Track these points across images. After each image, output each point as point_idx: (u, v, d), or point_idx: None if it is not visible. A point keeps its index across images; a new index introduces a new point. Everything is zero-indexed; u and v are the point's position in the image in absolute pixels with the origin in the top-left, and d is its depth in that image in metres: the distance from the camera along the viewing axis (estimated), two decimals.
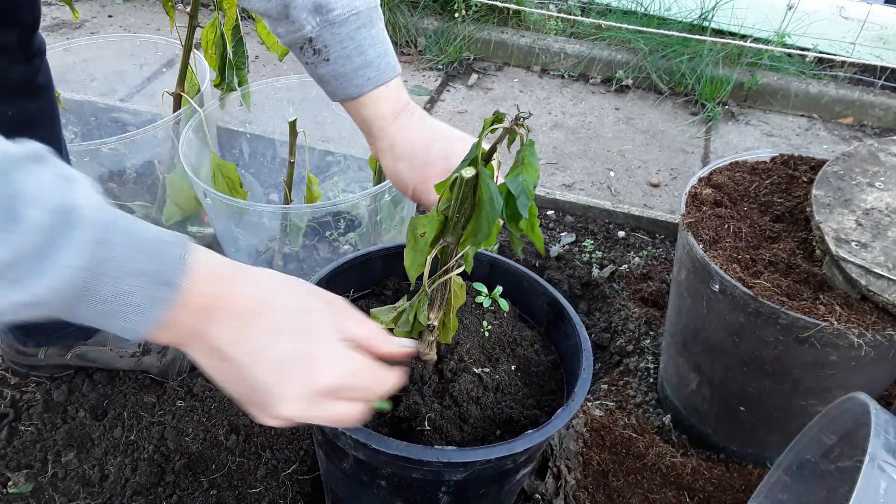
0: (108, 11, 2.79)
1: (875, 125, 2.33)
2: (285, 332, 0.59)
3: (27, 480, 1.16)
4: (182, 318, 0.55)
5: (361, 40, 0.82)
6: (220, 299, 0.57)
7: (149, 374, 1.32)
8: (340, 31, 0.81)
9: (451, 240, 0.68)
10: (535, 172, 0.62)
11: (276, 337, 0.59)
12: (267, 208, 1.32)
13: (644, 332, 1.50)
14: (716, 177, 1.26)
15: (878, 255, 1.01)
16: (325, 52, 0.82)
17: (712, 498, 1.20)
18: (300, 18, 0.81)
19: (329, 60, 0.82)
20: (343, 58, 0.82)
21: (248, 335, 0.58)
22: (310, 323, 0.61)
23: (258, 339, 0.58)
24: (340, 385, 0.60)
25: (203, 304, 0.56)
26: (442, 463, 0.72)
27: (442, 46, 2.57)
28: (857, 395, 0.91)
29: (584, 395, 0.81)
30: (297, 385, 0.59)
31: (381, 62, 0.84)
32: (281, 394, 0.58)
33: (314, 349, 0.60)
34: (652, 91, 2.46)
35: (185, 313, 0.55)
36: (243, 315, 0.58)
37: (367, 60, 0.83)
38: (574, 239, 1.77)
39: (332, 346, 0.61)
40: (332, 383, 0.60)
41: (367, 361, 0.63)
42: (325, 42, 0.82)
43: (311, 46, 0.82)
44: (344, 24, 0.81)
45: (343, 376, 0.60)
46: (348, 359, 0.61)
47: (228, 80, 1.45)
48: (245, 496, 1.15)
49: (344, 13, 0.80)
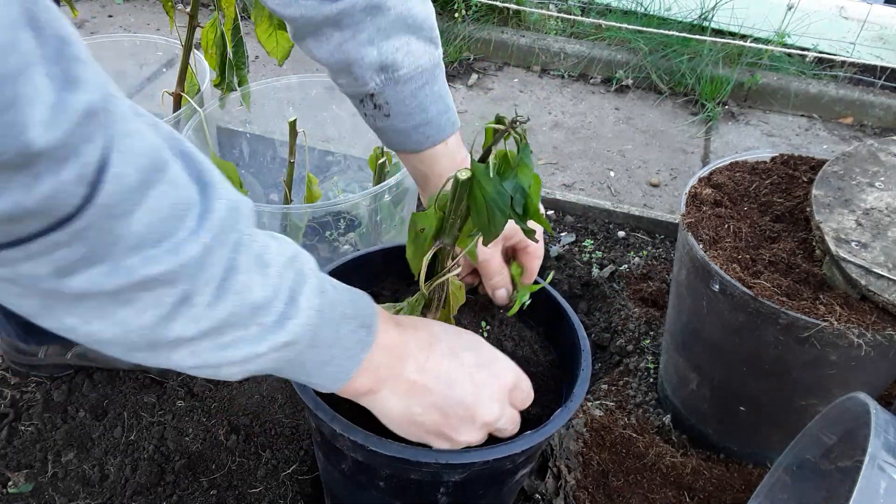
0: (108, 11, 2.79)
1: (875, 125, 2.33)
2: (460, 348, 0.66)
3: (27, 480, 1.16)
4: (379, 358, 0.60)
5: (424, 98, 0.79)
6: (403, 338, 0.62)
7: (149, 374, 1.32)
8: (404, 90, 0.78)
9: (447, 241, 0.68)
10: (530, 172, 0.62)
11: (457, 354, 0.65)
12: (267, 208, 1.32)
13: (644, 332, 1.50)
14: (716, 177, 1.26)
15: (878, 255, 1.01)
16: (385, 108, 0.79)
17: (712, 498, 1.20)
18: (364, 76, 0.77)
19: (389, 116, 0.80)
20: (404, 115, 0.79)
21: (437, 361, 0.64)
22: (470, 338, 0.69)
23: (445, 362, 0.64)
24: (515, 384, 0.69)
25: (392, 344, 0.61)
26: (440, 464, 0.72)
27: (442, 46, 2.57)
28: (857, 395, 0.91)
29: (583, 396, 0.81)
30: (490, 388, 0.66)
31: (441, 119, 0.81)
32: (481, 400, 0.65)
33: (488, 355, 0.68)
34: (652, 91, 2.46)
35: (381, 354, 0.60)
36: (425, 346, 0.64)
37: (427, 118, 0.80)
38: (574, 239, 1.77)
39: (493, 351, 0.69)
40: (512, 380, 0.68)
41: (519, 369, 0.71)
42: (386, 99, 0.79)
43: (371, 101, 0.80)
44: (408, 82, 0.78)
45: (516, 377, 0.69)
46: (511, 367, 0.70)
47: (228, 80, 1.45)
48: (245, 496, 1.15)
49: (409, 72, 0.77)
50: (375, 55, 0.75)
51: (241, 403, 1.26)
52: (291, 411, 1.25)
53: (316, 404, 0.75)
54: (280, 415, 1.25)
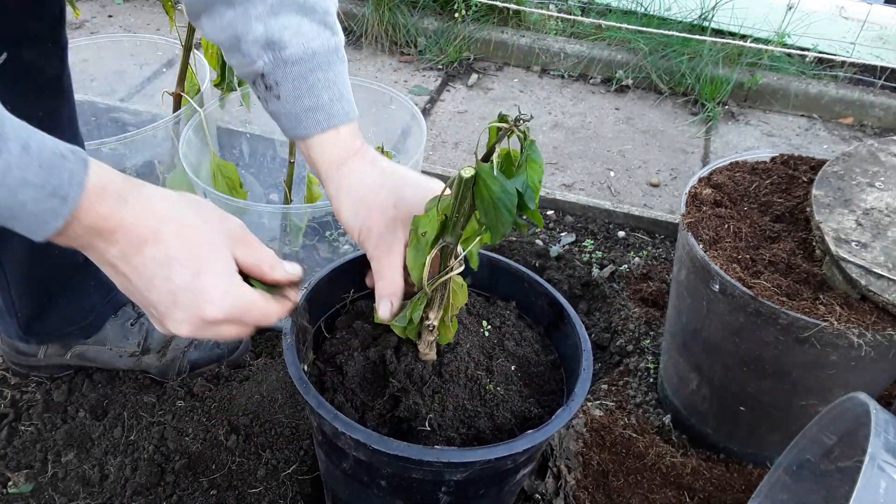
0: (108, 11, 2.79)
1: (875, 125, 2.33)
2: (178, 262, 0.63)
3: (27, 480, 1.16)
4: (77, 231, 0.59)
5: (315, 82, 0.79)
6: (113, 221, 0.60)
7: (148, 374, 1.32)
8: (293, 71, 0.78)
9: (450, 240, 0.68)
10: (540, 168, 0.62)
11: (169, 267, 0.63)
12: (267, 208, 1.32)
13: (644, 332, 1.50)
14: (716, 177, 1.26)
15: (878, 255, 1.01)
16: (276, 90, 0.80)
17: (712, 498, 1.20)
18: (251, 53, 0.78)
19: (280, 98, 0.80)
20: (294, 98, 0.80)
21: (142, 261, 0.62)
22: (202, 255, 0.65)
23: (152, 267, 0.63)
24: (226, 318, 0.66)
25: (97, 223, 0.60)
26: (442, 463, 0.72)
27: (442, 46, 2.57)
28: (857, 395, 0.91)
29: (584, 395, 0.81)
30: (188, 313, 0.64)
31: (334, 107, 0.81)
32: (173, 317, 0.65)
33: (205, 284, 0.64)
34: (652, 91, 2.46)
35: (80, 228, 0.59)
36: (138, 242, 0.62)
37: (318, 103, 0.80)
38: (574, 239, 1.77)
39: (221, 281, 0.65)
40: (219, 316, 0.65)
41: (254, 296, 0.68)
42: (276, 79, 0.79)
43: (262, 82, 0.80)
44: (297, 63, 0.78)
45: (229, 312, 0.65)
46: (236, 295, 0.66)
47: (228, 80, 1.45)
48: (245, 496, 1.15)
49: (297, 53, 0.78)
50: (262, 31, 0.76)
51: (241, 403, 1.26)
52: (291, 411, 1.25)
53: (318, 403, 0.75)
54: (280, 415, 1.25)
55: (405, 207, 0.79)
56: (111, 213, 0.60)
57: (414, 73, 2.53)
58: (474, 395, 0.83)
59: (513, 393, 0.85)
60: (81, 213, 0.58)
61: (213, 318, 0.65)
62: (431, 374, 0.83)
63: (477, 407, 0.82)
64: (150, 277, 0.63)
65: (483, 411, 0.82)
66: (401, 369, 0.82)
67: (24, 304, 1.16)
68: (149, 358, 1.30)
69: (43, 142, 0.57)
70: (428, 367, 0.83)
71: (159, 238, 0.62)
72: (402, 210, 0.79)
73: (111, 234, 0.60)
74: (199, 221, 0.66)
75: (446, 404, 0.81)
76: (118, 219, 0.60)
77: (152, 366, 1.30)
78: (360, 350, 0.87)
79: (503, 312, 0.96)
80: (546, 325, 0.98)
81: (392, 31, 2.59)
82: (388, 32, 2.59)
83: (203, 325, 0.65)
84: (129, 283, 0.65)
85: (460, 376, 0.83)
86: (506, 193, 0.62)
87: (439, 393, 0.82)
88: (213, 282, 0.65)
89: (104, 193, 0.59)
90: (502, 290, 1.01)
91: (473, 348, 0.87)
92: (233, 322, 0.67)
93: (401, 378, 0.82)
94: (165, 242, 0.63)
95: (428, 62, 2.56)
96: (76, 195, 0.57)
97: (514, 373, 0.88)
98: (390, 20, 2.57)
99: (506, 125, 0.59)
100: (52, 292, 1.17)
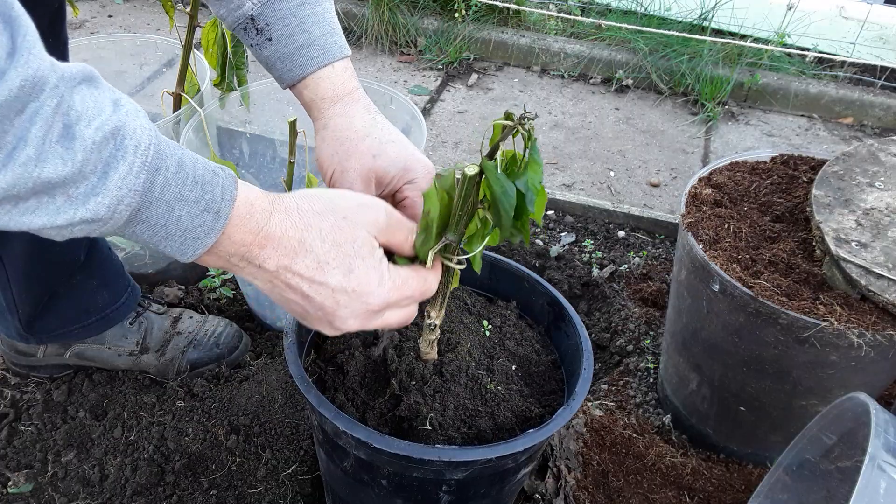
0: (108, 11, 2.79)
1: (875, 125, 2.33)
2: (330, 265, 0.63)
3: (27, 480, 1.15)
4: (228, 248, 0.59)
5: (305, 17, 0.79)
6: (261, 235, 0.60)
7: (148, 374, 1.32)
8: (282, 7, 0.78)
9: (453, 238, 0.68)
10: (540, 169, 0.62)
11: (323, 271, 0.63)
12: None
13: (644, 332, 1.50)
14: (716, 177, 1.26)
15: (878, 255, 1.01)
16: (267, 31, 0.79)
17: (712, 498, 1.20)
18: None
19: (272, 40, 0.79)
20: (286, 36, 0.79)
21: (297, 271, 0.62)
22: (349, 252, 0.64)
23: (307, 274, 0.62)
24: (388, 303, 0.66)
25: (247, 239, 0.59)
26: (443, 462, 0.72)
27: (442, 46, 2.57)
28: (857, 395, 0.91)
29: (584, 395, 0.81)
30: (350, 310, 0.65)
31: (326, 41, 0.80)
32: (341, 316, 0.65)
33: (359, 279, 0.64)
34: (652, 91, 2.46)
35: (230, 245, 0.59)
36: (289, 252, 0.61)
37: (310, 39, 0.79)
38: (574, 239, 1.77)
39: (374, 272, 0.65)
40: (382, 303, 0.66)
41: (405, 273, 0.68)
42: (266, 20, 0.78)
43: (253, 26, 0.79)
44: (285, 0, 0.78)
45: (387, 298, 0.66)
46: (390, 282, 0.66)
47: (228, 80, 1.45)
48: (245, 496, 1.15)
49: None
50: None
51: (241, 403, 1.26)
52: (291, 411, 1.25)
53: (319, 401, 0.75)
54: (280, 415, 1.24)
55: (384, 161, 0.78)
56: (259, 228, 0.60)
57: (414, 72, 2.53)
58: (475, 395, 0.83)
59: (513, 392, 0.85)
60: (231, 228, 0.58)
61: (377, 307, 0.66)
62: (432, 373, 0.83)
63: (478, 406, 0.82)
64: (309, 284, 0.63)
65: (484, 411, 0.82)
66: (402, 368, 0.83)
67: (26, 303, 1.16)
68: (148, 357, 1.30)
69: (195, 159, 0.57)
70: (429, 367, 0.83)
71: (307, 249, 0.62)
72: (380, 162, 0.78)
73: (261, 248, 0.60)
74: (338, 219, 0.65)
75: (447, 403, 0.81)
76: (266, 233, 0.60)
77: (151, 365, 1.30)
78: (360, 349, 0.87)
79: (504, 312, 0.96)
80: (546, 325, 0.98)
81: (392, 31, 2.59)
82: (388, 32, 2.59)
83: (368, 316, 0.66)
84: (293, 293, 0.64)
85: (461, 376, 0.83)
86: (504, 194, 0.62)
87: (440, 392, 0.82)
88: (365, 275, 0.65)
89: (252, 209, 0.59)
90: (503, 289, 1.01)
91: (474, 348, 0.87)
92: (394, 306, 0.67)
93: (402, 377, 0.82)
94: (314, 252, 0.63)
95: (428, 62, 2.56)
96: (227, 210, 0.57)
97: (515, 372, 0.88)
98: (390, 20, 2.57)
99: (511, 123, 0.59)
100: (53, 291, 1.17)
